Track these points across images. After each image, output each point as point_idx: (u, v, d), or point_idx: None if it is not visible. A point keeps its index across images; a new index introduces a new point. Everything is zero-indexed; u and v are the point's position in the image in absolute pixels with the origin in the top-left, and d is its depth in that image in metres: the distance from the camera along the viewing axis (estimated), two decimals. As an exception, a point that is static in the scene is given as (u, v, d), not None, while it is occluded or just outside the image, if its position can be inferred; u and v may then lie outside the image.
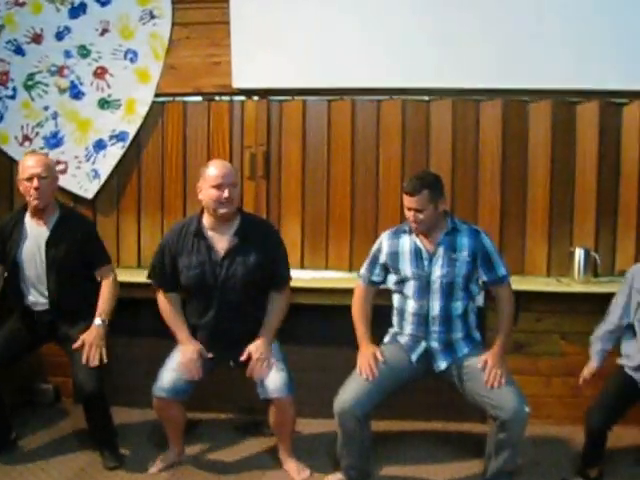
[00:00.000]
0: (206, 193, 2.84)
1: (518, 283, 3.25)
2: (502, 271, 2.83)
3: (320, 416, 3.23)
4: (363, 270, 2.99)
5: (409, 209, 2.77)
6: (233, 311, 2.88)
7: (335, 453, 2.89)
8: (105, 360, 2.90)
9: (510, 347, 3.47)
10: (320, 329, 3.57)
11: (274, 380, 2.85)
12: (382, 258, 2.91)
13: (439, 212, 2.79)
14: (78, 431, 3.35)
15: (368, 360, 2.80)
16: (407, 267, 2.83)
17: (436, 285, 2.78)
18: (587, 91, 3.47)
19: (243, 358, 2.86)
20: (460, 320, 2.82)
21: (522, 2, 3.43)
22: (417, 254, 2.83)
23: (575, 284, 3.44)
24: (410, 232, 2.85)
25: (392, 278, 2.91)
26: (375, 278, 2.95)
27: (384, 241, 2.93)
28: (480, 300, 3.24)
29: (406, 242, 2.86)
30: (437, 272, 2.78)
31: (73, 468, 3.02)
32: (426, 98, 3.60)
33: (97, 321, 2.95)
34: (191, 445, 3.24)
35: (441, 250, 2.80)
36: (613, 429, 2.81)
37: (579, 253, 3.46)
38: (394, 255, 2.87)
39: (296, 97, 3.66)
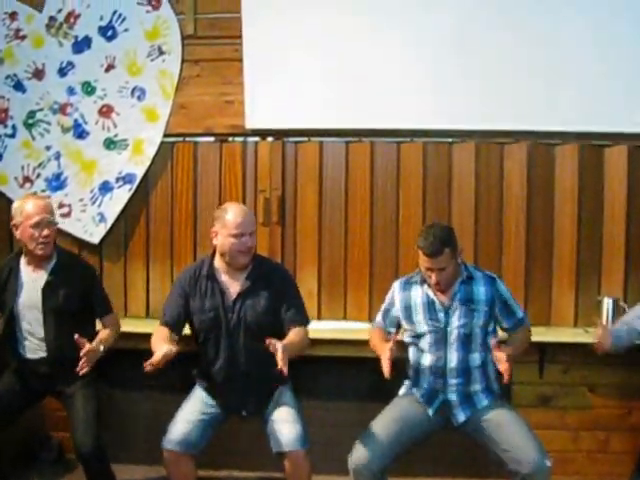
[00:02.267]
0: (225, 241, 2.75)
1: (544, 334, 3.20)
2: (520, 313, 2.83)
3: (337, 473, 3.05)
4: (379, 319, 2.94)
5: (430, 269, 2.68)
6: (245, 357, 2.78)
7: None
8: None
9: (535, 400, 3.38)
10: (338, 382, 3.44)
11: (288, 433, 2.73)
12: (395, 312, 2.86)
13: (458, 264, 2.75)
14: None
15: (387, 355, 2.59)
16: (421, 320, 2.77)
17: (453, 337, 2.71)
18: (614, 134, 3.37)
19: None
20: (479, 371, 2.74)
21: (546, 42, 3.30)
22: (430, 306, 2.76)
23: (603, 335, 3.31)
24: (422, 283, 2.79)
25: (406, 332, 2.83)
26: (392, 329, 2.90)
27: (396, 293, 2.87)
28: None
29: (418, 294, 2.80)
30: (455, 323, 2.72)
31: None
32: (449, 140, 3.47)
33: (101, 347, 2.82)
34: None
35: (458, 300, 2.73)
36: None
37: (607, 303, 3.34)
38: (407, 309, 2.81)
39: (312, 138, 3.53)
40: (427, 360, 2.75)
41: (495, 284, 2.78)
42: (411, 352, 2.83)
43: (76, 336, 2.66)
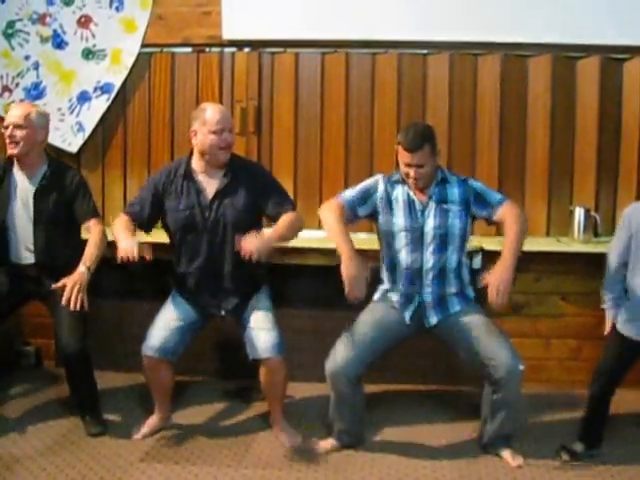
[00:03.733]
0: (205, 139, 2.72)
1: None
2: (496, 197, 2.71)
3: (313, 380, 3.11)
4: (351, 195, 2.75)
5: (409, 165, 2.64)
6: (224, 255, 2.77)
7: (328, 418, 2.81)
8: (86, 306, 2.69)
9: (510, 304, 3.35)
10: (314, 291, 3.45)
11: (264, 340, 2.75)
12: (377, 197, 2.76)
13: (436, 164, 2.71)
14: (60, 396, 3.23)
15: (355, 276, 2.51)
16: (400, 218, 2.72)
17: (430, 237, 2.69)
18: (587, 46, 3.39)
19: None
20: (454, 274, 2.73)
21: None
22: (410, 205, 2.72)
23: (575, 244, 3.35)
24: (403, 183, 2.74)
25: (382, 227, 2.77)
26: (361, 212, 2.76)
27: (380, 183, 2.78)
28: (477, 263, 3.17)
29: (399, 192, 2.74)
30: (430, 223, 2.68)
31: (54, 435, 2.89)
32: (423, 52, 3.50)
33: (81, 267, 2.77)
34: (178, 410, 3.12)
35: (433, 201, 2.70)
36: (615, 393, 2.71)
37: (579, 212, 3.37)
38: (389, 203, 2.75)
39: (289, 49, 3.55)
40: (403, 260, 2.72)
41: (468, 182, 2.74)
42: (386, 254, 2.79)
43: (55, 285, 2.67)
